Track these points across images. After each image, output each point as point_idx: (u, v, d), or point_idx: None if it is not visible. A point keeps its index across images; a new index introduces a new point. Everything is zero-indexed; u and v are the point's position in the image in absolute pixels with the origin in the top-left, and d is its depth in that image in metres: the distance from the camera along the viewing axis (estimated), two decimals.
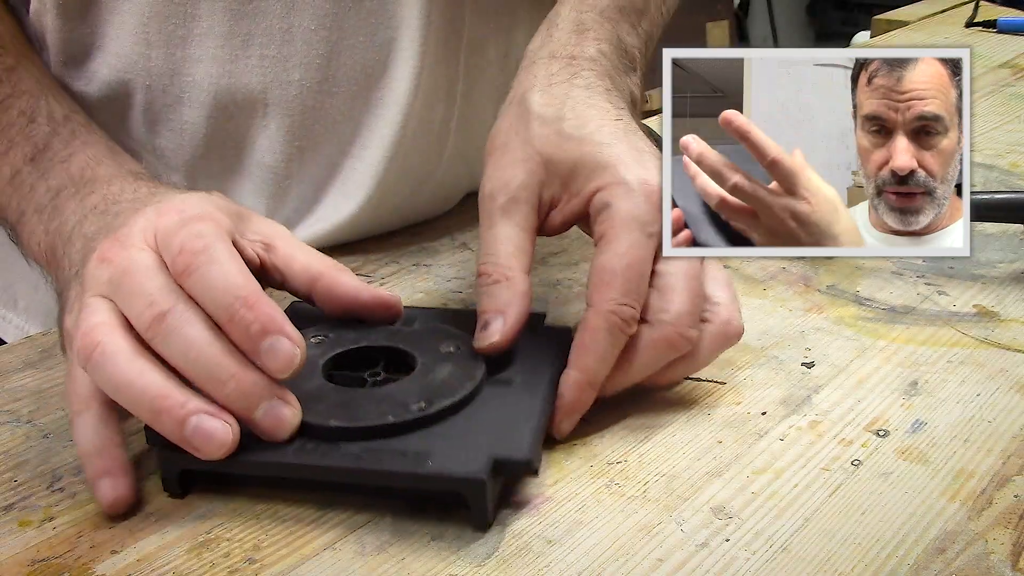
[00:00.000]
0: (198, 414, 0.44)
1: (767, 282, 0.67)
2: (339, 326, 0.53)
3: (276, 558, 0.43)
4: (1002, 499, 0.47)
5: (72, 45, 0.65)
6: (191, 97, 0.65)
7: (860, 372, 0.57)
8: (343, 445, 0.46)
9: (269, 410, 0.45)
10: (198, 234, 0.46)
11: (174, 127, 0.67)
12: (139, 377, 0.44)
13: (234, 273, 0.46)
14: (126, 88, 0.66)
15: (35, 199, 0.57)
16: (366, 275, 0.69)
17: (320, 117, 0.67)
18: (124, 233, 0.48)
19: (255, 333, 0.44)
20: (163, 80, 0.65)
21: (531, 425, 0.47)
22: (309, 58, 0.65)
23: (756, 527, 0.45)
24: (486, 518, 0.44)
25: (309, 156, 0.68)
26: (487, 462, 0.44)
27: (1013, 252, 0.71)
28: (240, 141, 0.68)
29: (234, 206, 0.52)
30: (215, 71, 0.65)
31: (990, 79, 1.15)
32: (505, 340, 0.50)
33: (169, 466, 0.46)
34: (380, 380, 0.50)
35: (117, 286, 0.46)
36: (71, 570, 0.43)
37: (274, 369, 0.45)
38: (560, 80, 0.55)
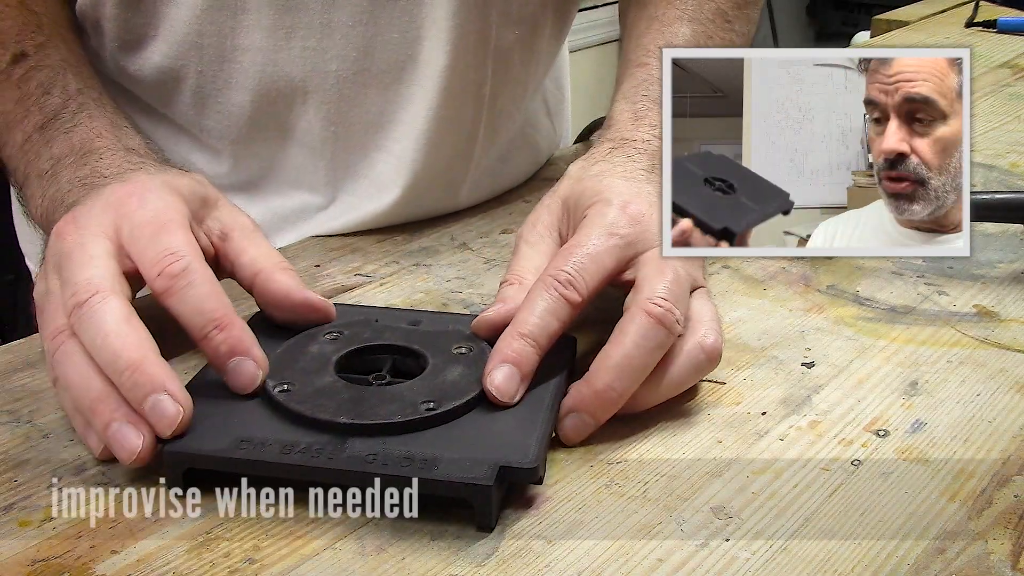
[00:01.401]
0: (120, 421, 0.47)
1: (767, 282, 0.67)
2: (353, 325, 0.54)
3: (276, 558, 0.43)
4: (1002, 499, 0.47)
5: (128, 33, 0.71)
6: (238, 82, 0.71)
7: (860, 372, 0.57)
8: (350, 442, 0.46)
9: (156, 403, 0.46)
10: (174, 253, 0.50)
11: (221, 109, 0.72)
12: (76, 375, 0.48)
13: (208, 296, 0.50)
14: (178, 73, 0.71)
15: (39, 165, 0.61)
16: (366, 275, 0.69)
17: (354, 106, 0.72)
18: (82, 212, 0.53)
19: (223, 353, 0.49)
20: (213, 66, 0.70)
21: (537, 433, 0.47)
22: (346, 51, 0.70)
23: (756, 527, 0.45)
24: (491, 522, 0.45)
25: (343, 143, 0.73)
26: (493, 469, 0.44)
27: (1013, 252, 0.71)
28: (282, 124, 0.73)
29: (202, 190, 0.56)
30: (260, 60, 0.70)
31: (990, 79, 1.15)
32: (497, 315, 0.53)
33: (174, 465, 0.46)
34: (385, 383, 0.51)
35: (60, 266, 0.51)
36: (71, 570, 0.43)
37: (238, 386, 0.49)
38: (601, 155, 0.60)
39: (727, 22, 0.68)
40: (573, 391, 0.50)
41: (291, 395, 0.48)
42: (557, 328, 0.51)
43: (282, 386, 0.49)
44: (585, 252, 0.52)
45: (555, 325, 0.51)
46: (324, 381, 0.50)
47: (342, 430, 0.46)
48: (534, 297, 0.51)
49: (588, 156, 0.60)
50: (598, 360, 0.50)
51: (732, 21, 0.68)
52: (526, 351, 0.50)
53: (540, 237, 0.57)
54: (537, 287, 0.52)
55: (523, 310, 0.51)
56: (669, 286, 0.51)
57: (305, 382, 0.49)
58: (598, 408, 0.50)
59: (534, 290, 0.52)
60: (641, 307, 0.50)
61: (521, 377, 0.50)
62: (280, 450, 0.45)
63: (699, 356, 0.52)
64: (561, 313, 0.51)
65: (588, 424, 0.50)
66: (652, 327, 0.50)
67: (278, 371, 0.50)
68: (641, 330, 0.50)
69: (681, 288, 0.52)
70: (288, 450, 0.45)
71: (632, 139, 0.61)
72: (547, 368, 0.51)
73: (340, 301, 0.65)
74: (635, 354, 0.49)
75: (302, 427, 0.47)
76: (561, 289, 0.51)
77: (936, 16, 1.44)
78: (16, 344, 0.61)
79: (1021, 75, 1.16)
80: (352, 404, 0.48)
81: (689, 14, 0.67)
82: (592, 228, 0.54)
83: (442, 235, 0.75)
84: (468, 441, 0.46)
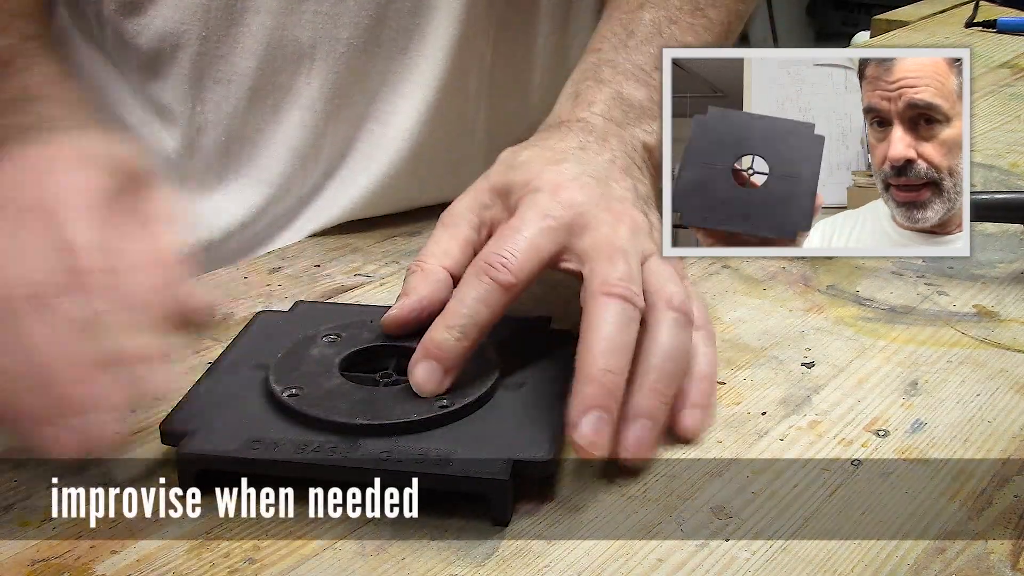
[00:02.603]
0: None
1: (767, 282, 0.67)
2: (349, 326, 0.54)
3: (276, 558, 0.43)
4: (1002, 499, 0.47)
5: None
6: (244, 47, 0.69)
7: (860, 372, 0.57)
8: (363, 442, 0.46)
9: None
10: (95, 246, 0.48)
11: (221, 78, 0.70)
12: None
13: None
14: (179, 39, 0.69)
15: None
16: (366, 275, 0.69)
17: (360, 78, 0.71)
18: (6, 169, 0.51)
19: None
20: (219, 30, 0.69)
21: (549, 426, 0.47)
22: (359, 18, 0.69)
23: (756, 527, 0.45)
24: (506, 517, 0.45)
25: (344, 116, 0.72)
26: (508, 463, 0.44)
27: (1013, 252, 0.71)
28: (283, 95, 0.71)
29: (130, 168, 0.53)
30: (270, 23, 0.68)
31: (990, 79, 1.15)
32: (401, 312, 0.52)
33: (187, 466, 0.46)
34: (392, 380, 0.51)
35: None
36: (71, 570, 0.43)
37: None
38: (533, 140, 0.59)
39: (697, 8, 0.66)
40: (574, 396, 0.48)
41: (301, 399, 0.48)
42: (489, 317, 0.50)
43: (290, 390, 0.49)
44: (520, 235, 0.51)
45: (485, 314, 0.50)
46: (332, 383, 0.50)
47: (358, 431, 0.46)
48: (464, 286, 0.50)
49: (524, 142, 0.59)
50: (581, 355, 0.48)
51: (704, 8, 0.66)
52: (449, 344, 0.49)
53: (457, 220, 0.56)
54: (468, 275, 0.51)
55: (453, 299, 0.50)
56: (622, 269, 0.50)
57: (313, 385, 0.49)
58: (605, 396, 0.47)
59: (465, 279, 0.51)
60: (599, 292, 0.49)
61: (443, 371, 0.49)
62: (294, 449, 0.46)
63: (673, 316, 0.51)
64: (492, 300, 0.50)
65: (604, 421, 0.47)
66: (617, 304, 0.49)
67: (283, 376, 0.50)
68: (608, 311, 0.49)
69: (631, 268, 0.51)
70: (302, 449, 0.46)
71: (567, 120, 0.59)
72: (551, 362, 0.52)
73: (340, 301, 0.65)
74: (613, 332, 0.48)
75: (312, 429, 0.47)
76: (493, 273, 0.50)
77: (936, 16, 1.43)
78: None
79: (1021, 75, 1.16)
80: (365, 405, 0.48)
81: (653, 1, 0.65)
82: (524, 212, 0.52)
83: None
84: (480, 436, 0.47)
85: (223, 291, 0.66)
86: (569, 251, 0.52)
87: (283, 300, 0.65)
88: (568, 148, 0.57)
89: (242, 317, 0.62)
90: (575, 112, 0.60)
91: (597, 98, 0.61)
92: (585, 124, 0.59)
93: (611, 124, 0.59)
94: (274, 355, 0.51)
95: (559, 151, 0.57)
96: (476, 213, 0.56)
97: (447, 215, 0.56)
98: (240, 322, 0.60)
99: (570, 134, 0.58)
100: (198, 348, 0.58)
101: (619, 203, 0.54)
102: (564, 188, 0.54)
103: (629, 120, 0.60)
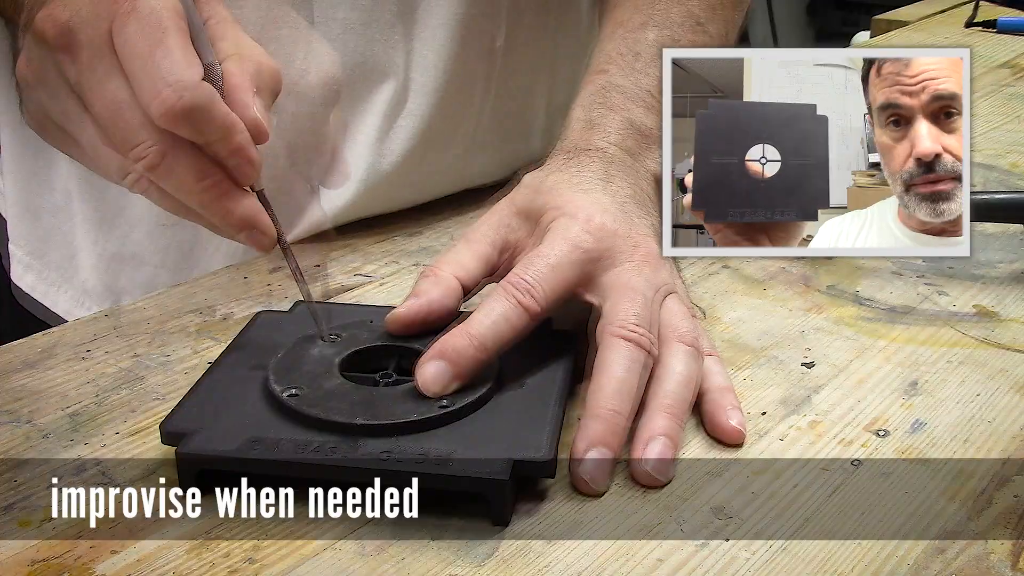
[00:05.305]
0: None
1: (767, 282, 0.67)
2: (349, 327, 0.54)
3: (276, 558, 0.43)
4: (1002, 499, 0.47)
5: None
6: None
7: (860, 372, 0.57)
8: (363, 443, 0.46)
9: None
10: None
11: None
12: None
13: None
14: None
15: None
16: (366, 275, 0.69)
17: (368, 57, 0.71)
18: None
19: None
20: None
21: (548, 427, 0.47)
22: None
23: (756, 527, 0.45)
24: (506, 517, 0.45)
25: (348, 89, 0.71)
26: (508, 463, 0.45)
27: (1013, 252, 0.71)
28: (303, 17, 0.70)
29: None
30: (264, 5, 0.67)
31: (990, 79, 1.15)
32: (408, 312, 0.53)
33: (187, 466, 0.46)
34: (392, 381, 0.51)
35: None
36: (71, 570, 0.43)
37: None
38: (556, 165, 0.59)
39: (698, 24, 0.66)
40: (581, 429, 0.49)
41: (301, 399, 0.48)
42: (509, 335, 0.50)
43: (289, 390, 0.49)
44: (547, 263, 0.52)
45: (507, 331, 0.50)
46: (331, 383, 0.50)
47: (357, 431, 0.46)
48: (491, 301, 0.51)
49: (544, 166, 0.60)
50: (592, 394, 0.49)
51: (704, 24, 0.67)
52: (467, 352, 0.49)
53: (480, 237, 0.57)
54: (496, 292, 0.52)
55: (479, 311, 0.51)
56: (639, 311, 0.51)
57: (312, 385, 0.49)
58: (610, 435, 0.48)
59: (492, 294, 0.52)
60: (616, 335, 0.50)
61: (453, 375, 0.49)
62: (294, 449, 0.46)
63: (685, 349, 0.52)
64: (516, 320, 0.51)
65: (607, 458, 0.48)
66: (631, 348, 0.50)
67: (282, 376, 0.50)
68: (622, 354, 0.50)
69: (650, 312, 0.52)
70: (302, 449, 0.46)
71: (586, 148, 0.60)
72: (552, 363, 0.52)
73: (340, 301, 0.65)
74: (625, 376, 0.49)
75: (312, 429, 0.47)
76: (519, 296, 0.51)
77: (936, 16, 1.44)
78: (16, 344, 0.61)
79: (1021, 75, 1.16)
80: (365, 405, 0.48)
81: (656, 19, 0.66)
82: (555, 239, 0.53)
83: (442, 235, 0.75)
84: (480, 436, 0.47)
85: (223, 291, 0.66)
86: (592, 283, 0.53)
87: (283, 300, 0.65)
88: (594, 178, 0.58)
89: (242, 317, 0.62)
90: (592, 140, 0.61)
91: (611, 127, 0.61)
92: (603, 154, 0.60)
93: (627, 156, 0.60)
94: (274, 355, 0.51)
95: (585, 179, 0.58)
96: (500, 233, 0.57)
97: (471, 231, 0.57)
98: (240, 322, 0.60)
99: (593, 163, 0.59)
100: (198, 348, 0.58)
101: (643, 238, 0.55)
102: (595, 218, 0.54)
103: (641, 149, 0.61)
